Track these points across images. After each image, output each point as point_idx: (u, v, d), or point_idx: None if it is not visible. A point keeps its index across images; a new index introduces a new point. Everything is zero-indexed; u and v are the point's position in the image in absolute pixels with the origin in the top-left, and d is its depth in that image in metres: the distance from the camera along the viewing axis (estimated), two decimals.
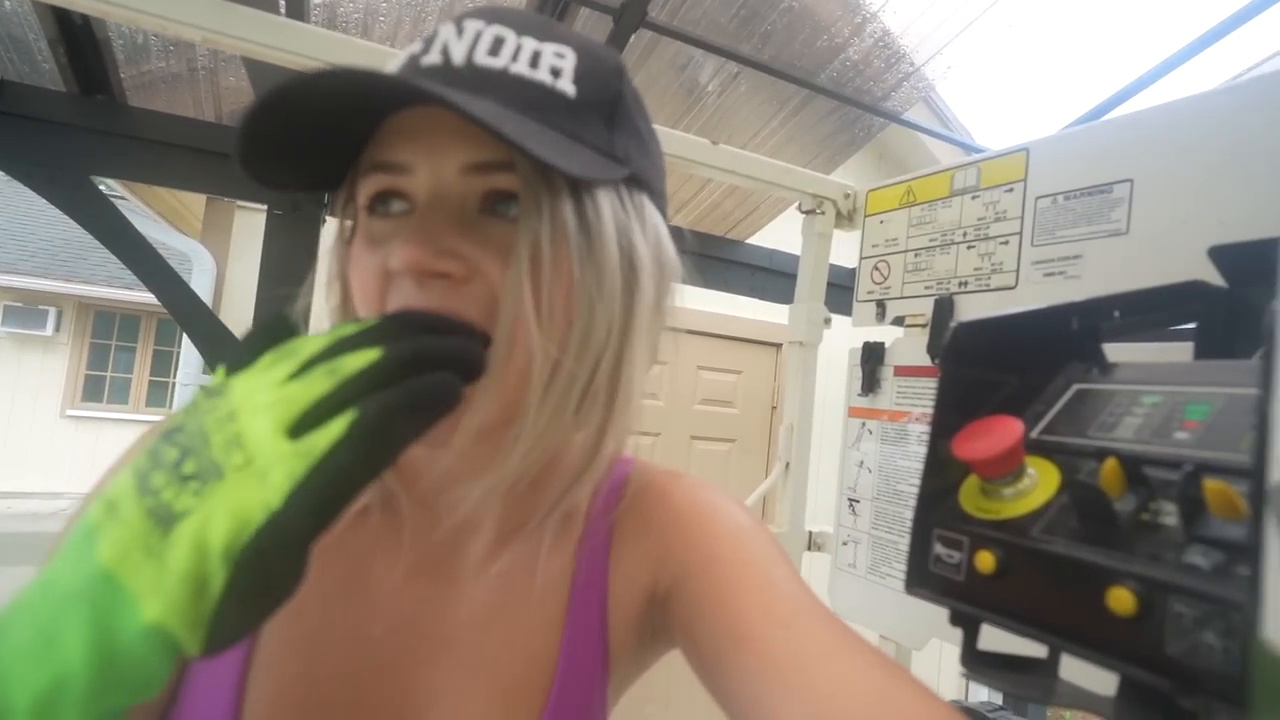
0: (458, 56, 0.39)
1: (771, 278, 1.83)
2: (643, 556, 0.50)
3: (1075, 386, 0.52)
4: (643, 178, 0.45)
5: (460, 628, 0.47)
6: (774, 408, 2.77)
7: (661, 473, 0.54)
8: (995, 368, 0.53)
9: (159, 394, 7.96)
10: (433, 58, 0.40)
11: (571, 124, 0.40)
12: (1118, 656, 0.38)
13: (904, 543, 0.91)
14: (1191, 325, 0.60)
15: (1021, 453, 0.47)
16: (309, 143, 0.40)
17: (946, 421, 0.50)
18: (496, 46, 0.39)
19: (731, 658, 0.41)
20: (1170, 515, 0.39)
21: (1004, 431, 0.46)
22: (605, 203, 0.42)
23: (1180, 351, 0.63)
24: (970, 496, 0.49)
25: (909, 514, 0.92)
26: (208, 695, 0.41)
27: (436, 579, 0.48)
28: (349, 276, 0.43)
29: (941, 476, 0.51)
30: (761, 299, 1.81)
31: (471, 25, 0.40)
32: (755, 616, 0.41)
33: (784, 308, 1.42)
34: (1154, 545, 0.38)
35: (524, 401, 0.40)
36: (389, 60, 0.43)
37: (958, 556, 0.47)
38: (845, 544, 0.99)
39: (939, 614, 0.84)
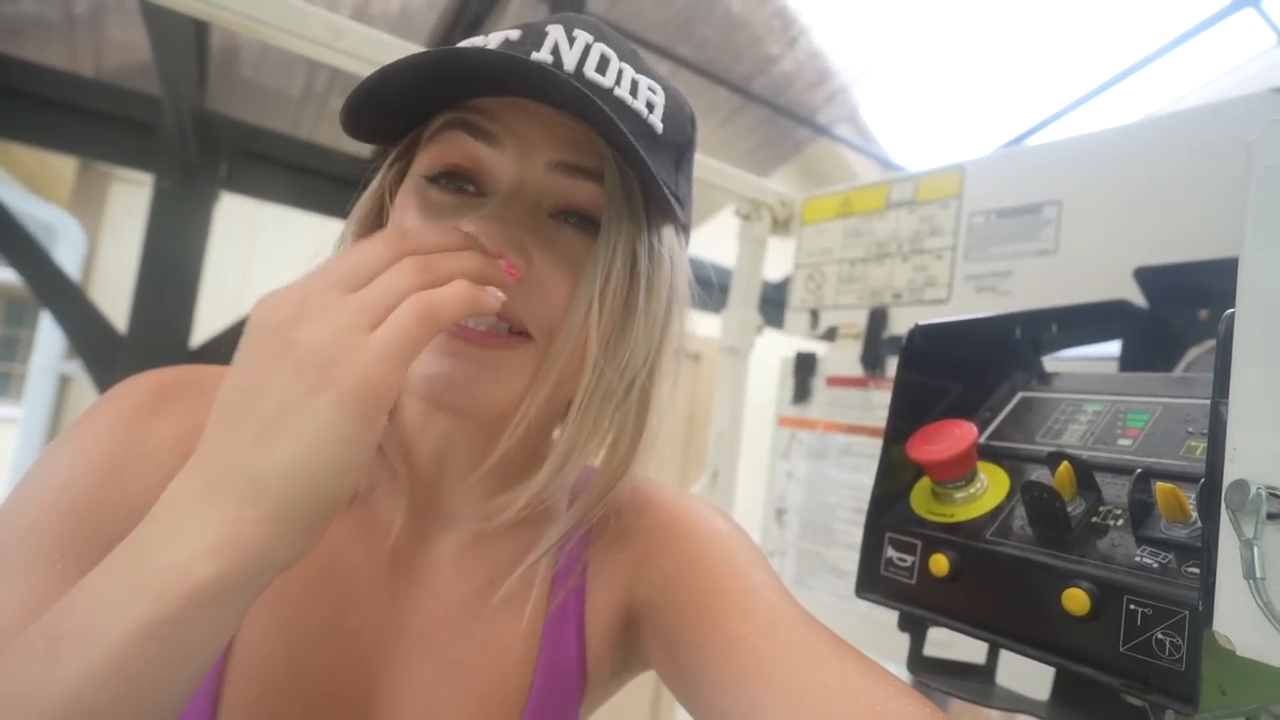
0: (569, 63, 0.39)
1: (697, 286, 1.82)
2: (622, 565, 0.49)
3: (1020, 394, 0.53)
4: (687, 221, 0.48)
5: (435, 627, 0.45)
6: (691, 419, 2.79)
7: (641, 481, 0.52)
8: (944, 373, 0.54)
9: (1, 385, 7.10)
10: (544, 55, 0.39)
11: (654, 159, 0.41)
12: (1070, 656, 0.39)
13: (831, 554, 0.92)
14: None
15: (975, 456, 0.47)
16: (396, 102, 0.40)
17: (899, 426, 0.50)
18: (603, 65, 0.40)
19: (716, 667, 0.40)
20: (1118, 518, 0.40)
21: (959, 435, 0.47)
22: (668, 238, 0.44)
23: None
24: (922, 500, 0.49)
25: (837, 525, 0.95)
26: None
27: (412, 575, 0.46)
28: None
29: (893, 480, 0.51)
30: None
31: (581, 36, 0.40)
32: (739, 624, 0.41)
33: (704, 317, 1.42)
34: (1105, 547, 0.39)
35: (566, 411, 0.43)
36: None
37: (910, 560, 0.47)
38: (771, 555, 0.99)
39: (864, 626, 0.86)
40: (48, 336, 2.17)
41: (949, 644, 0.64)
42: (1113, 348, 0.62)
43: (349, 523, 0.45)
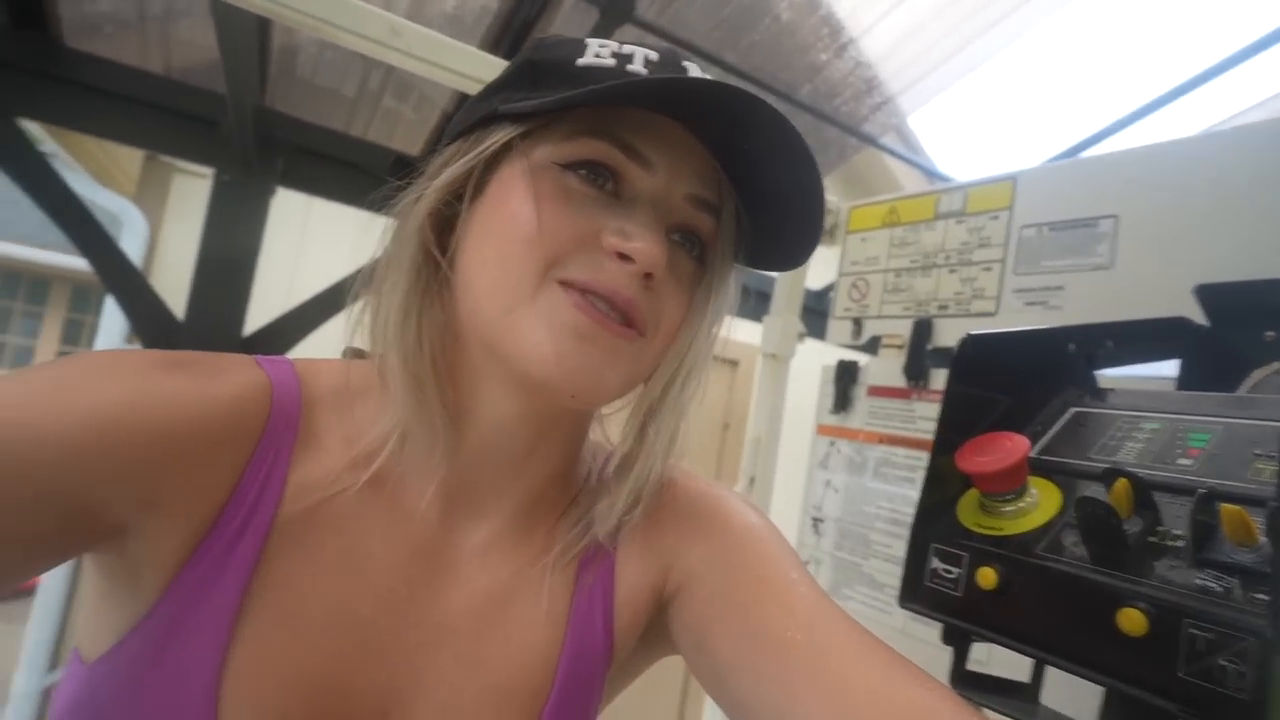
0: None
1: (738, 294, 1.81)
2: (653, 553, 0.48)
3: (1073, 409, 0.52)
4: None
5: (455, 617, 0.44)
6: (726, 426, 2.78)
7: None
8: (995, 385, 0.53)
9: None
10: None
11: None
12: (1122, 678, 0.38)
13: (868, 565, 0.91)
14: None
15: (1026, 469, 0.46)
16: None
17: (948, 436, 0.50)
18: None
19: (752, 660, 0.39)
20: (1178, 539, 0.39)
21: (1010, 447, 0.46)
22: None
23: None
24: (969, 512, 0.48)
25: (875, 536, 0.93)
26: (187, 661, 0.37)
27: (434, 564, 0.45)
28: (492, 195, 0.42)
29: (940, 491, 0.50)
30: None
31: (692, 70, 0.43)
32: (777, 619, 0.40)
33: (744, 324, 1.42)
34: (1163, 568, 0.38)
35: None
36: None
37: (956, 572, 0.47)
38: (806, 564, 0.98)
39: (900, 639, 0.84)
40: (110, 321, 2.24)
41: (986, 662, 0.62)
42: (1167, 367, 0.60)
43: (371, 510, 0.44)
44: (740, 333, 0.53)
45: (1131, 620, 0.37)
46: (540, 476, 0.47)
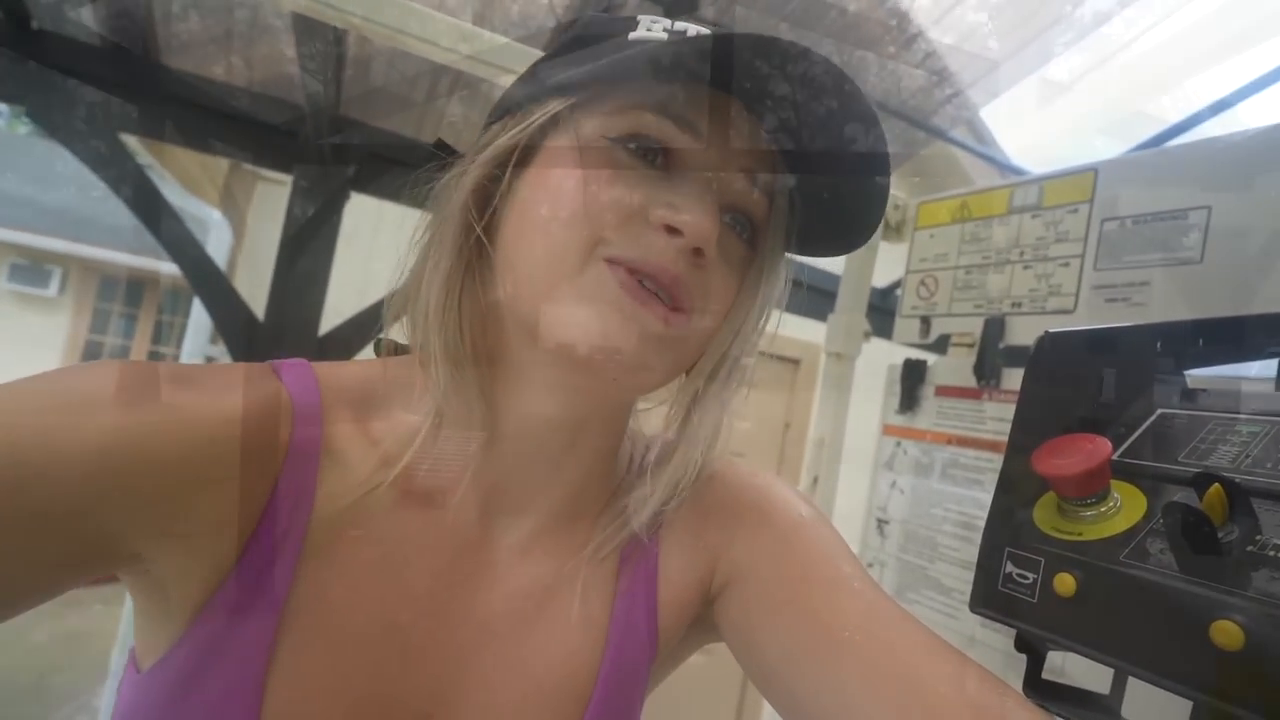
0: None
1: (799, 290, 1.78)
2: (698, 548, 0.47)
3: (1159, 411, 0.50)
4: None
5: (496, 618, 0.43)
6: (787, 425, 2.75)
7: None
8: (1075, 385, 0.51)
9: None
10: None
11: None
12: (1215, 693, 0.36)
13: (934, 569, 0.89)
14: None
15: (1108, 473, 0.45)
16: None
17: (1023, 438, 0.48)
18: None
19: (804, 662, 0.38)
20: (1279, 550, 0.37)
21: (1091, 450, 0.44)
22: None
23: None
24: (1046, 516, 0.47)
25: (942, 539, 0.91)
26: (229, 682, 0.37)
27: (472, 564, 0.44)
28: (537, 170, 0.40)
29: (1015, 493, 0.49)
30: (790, 312, 1.78)
31: None
32: (828, 617, 0.39)
33: (806, 323, 1.41)
34: (1263, 580, 0.36)
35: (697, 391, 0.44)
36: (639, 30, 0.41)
37: (1031, 577, 0.45)
38: (870, 566, 0.96)
39: (969, 647, 0.82)
40: (198, 323, 2.38)
41: (1062, 671, 0.60)
42: (1259, 368, 0.56)
43: (405, 512, 0.42)
44: (802, 331, 0.52)
45: (1226, 633, 0.35)
46: (580, 472, 0.46)
